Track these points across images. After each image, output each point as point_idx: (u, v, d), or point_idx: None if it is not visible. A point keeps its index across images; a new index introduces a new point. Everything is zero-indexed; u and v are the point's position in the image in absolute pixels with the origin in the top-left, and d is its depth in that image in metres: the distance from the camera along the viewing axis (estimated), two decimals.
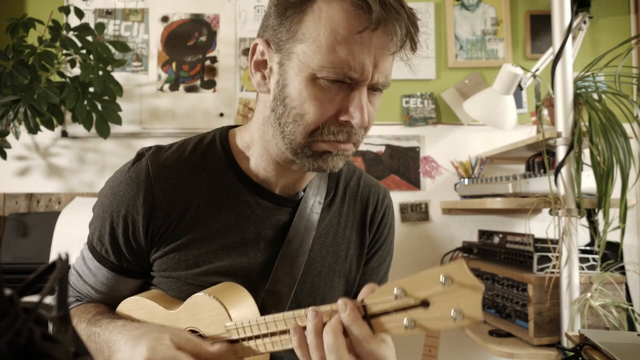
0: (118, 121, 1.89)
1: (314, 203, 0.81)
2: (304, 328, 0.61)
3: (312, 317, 0.59)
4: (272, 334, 0.64)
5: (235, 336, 0.67)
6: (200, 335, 0.70)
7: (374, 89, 0.69)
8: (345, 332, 0.57)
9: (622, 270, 1.53)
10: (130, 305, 0.78)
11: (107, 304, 0.82)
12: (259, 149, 0.77)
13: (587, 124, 1.43)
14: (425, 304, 0.54)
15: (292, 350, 0.62)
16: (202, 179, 0.78)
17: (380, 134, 2.15)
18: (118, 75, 2.06)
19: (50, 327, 0.27)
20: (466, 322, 0.51)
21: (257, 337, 0.65)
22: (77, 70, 1.90)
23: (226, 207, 0.77)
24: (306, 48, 0.65)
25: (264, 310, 0.73)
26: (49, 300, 0.27)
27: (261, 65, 0.73)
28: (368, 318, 0.57)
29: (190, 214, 0.76)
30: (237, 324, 0.67)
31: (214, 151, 0.80)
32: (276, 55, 0.70)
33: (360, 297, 0.59)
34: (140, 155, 0.79)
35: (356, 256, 0.87)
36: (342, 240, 0.85)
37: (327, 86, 0.66)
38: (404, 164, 2.15)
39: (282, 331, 0.63)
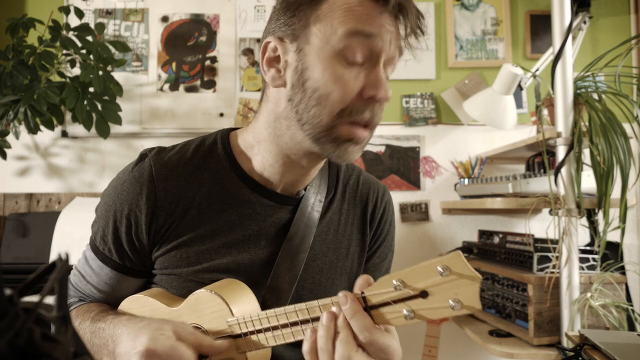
0: (118, 121, 1.89)
1: (314, 201, 0.82)
2: (314, 321, 0.61)
3: (327, 320, 0.60)
4: (274, 328, 0.65)
5: (237, 331, 0.68)
6: (203, 332, 0.71)
7: (386, 69, 0.72)
8: (349, 325, 0.58)
9: (622, 270, 1.53)
10: (132, 304, 0.79)
11: (110, 303, 0.83)
12: (267, 145, 0.77)
13: (587, 124, 1.43)
14: (424, 294, 0.55)
15: (293, 345, 0.63)
16: (204, 179, 0.79)
17: (380, 134, 2.15)
18: (118, 75, 2.07)
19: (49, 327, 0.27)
20: (465, 311, 0.53)
21: (258, 331, 0.66)
22: (77, 70, 1.90)
23: (228, 206, 0.78)
24: (326, 27, 0.68)
25: (265, 305, 0.74)
26: (49, 300, 0.27)
27: (274, 61, 0.73)
28: (368, 309, 0.59)
29: (192, 213, 0.77)
30: (239, 319, 0.67)
31: (215, 152, 0.81)
32: (292, 45, 0.71)
33: (356, 288, 0.60)
34: (143, 155, 0.80)
35: (357, 253, 0.88)
36: (343, 237, 0.86)
37: (350, 64, 0.68)
38: (404, 164, 2.15)
39: (284, 325, 0.64)
